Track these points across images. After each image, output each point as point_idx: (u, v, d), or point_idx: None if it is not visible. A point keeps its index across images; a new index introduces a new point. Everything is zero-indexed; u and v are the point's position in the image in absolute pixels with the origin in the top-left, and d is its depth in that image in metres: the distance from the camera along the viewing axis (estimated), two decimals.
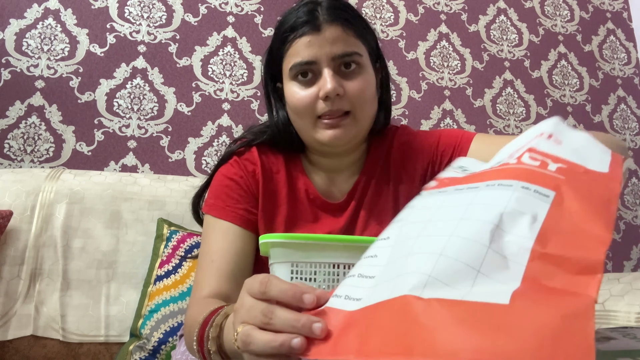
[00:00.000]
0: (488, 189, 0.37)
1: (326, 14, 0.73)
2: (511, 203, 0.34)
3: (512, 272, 0.31)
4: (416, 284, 0.31)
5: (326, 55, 0.72)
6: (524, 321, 0.27)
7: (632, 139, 2.25)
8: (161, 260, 1.25)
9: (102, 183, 1.32)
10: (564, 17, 2.32)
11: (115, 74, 1.69)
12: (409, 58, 2.04)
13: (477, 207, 0.35)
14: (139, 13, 1.77)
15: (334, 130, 0.74)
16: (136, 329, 1.17)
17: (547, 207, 0.34)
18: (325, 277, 0.62)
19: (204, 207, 0.81)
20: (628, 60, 2.36)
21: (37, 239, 1.21)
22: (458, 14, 2.16)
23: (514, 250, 0.32)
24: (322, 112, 0.73)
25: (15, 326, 1.13)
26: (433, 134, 0.86)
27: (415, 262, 0.34)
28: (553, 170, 0.37)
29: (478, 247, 0.32)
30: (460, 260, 0.32)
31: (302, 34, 0.72)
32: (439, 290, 0.31)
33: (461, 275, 0.31)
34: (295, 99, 0.74)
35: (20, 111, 1.58)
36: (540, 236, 0.32)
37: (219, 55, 1.82)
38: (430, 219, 0.37)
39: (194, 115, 1.74)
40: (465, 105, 2.06)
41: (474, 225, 0.34)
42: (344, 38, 0.73)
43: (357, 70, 0.74)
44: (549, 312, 0.27)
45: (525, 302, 0.28)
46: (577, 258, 0.30)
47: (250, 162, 0.80)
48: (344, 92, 0.72)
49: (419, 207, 0.42)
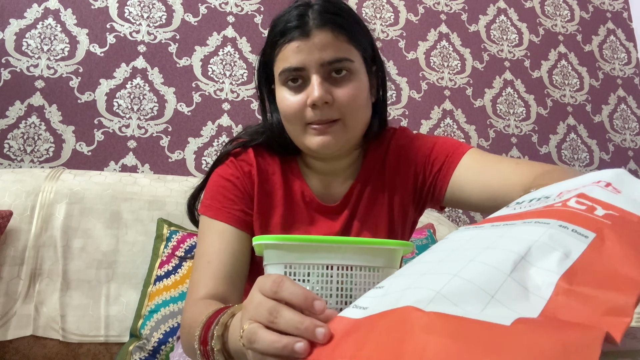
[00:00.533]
0: (523, 225, 0.37)
1: (317, 18, 0.71)
2: (543, 238, 0.33)
3: (532, 304, 0.30)
4: (422, 298, 0.31)
5: (315, 61, 0.70)
6: (520, 343, 0.26)
7: (632, 139, 2.25)
8: (161, 261, 1.25)
9: (102, 183, 1.32)
10: (564, 17, 2.32)
11: (115, 74, 1.69)
12: (409, 58, 2.04)
13: (507, 239, 0.35)
14: (139, 13, 1.77)
15: (323, 136, 0.72)
16: (136, 329, 1.17)
17: (583, 246, 0.33)
18: (319, 278, 0.62)
19: (200, 208, 0.80)
20: (628, 60, 2.36)
21: (37, 239, 1.21)
22: (458, 14, 2.16)
23: (537, 283, 0.31)
24: (310, 119, 0.72)
25: (15, 326, 1.13)
26: (429, 141, 0.84)
27: (427, 279, 0.34)
28: (600, 215, 0.36)
29: (497, 274, 0.31)
30: (475, 282, 0.31)
31: (290, 39, 0.71)
32: (443, 306, 0.30)
33: (472, 298, 0.30)
34: (285, 105, 0.73)
35: (20, 111, 1.58)
36: (569, 272, 0.31)
37: (219, 55, 1.82)
38: (457, 248, 0.37)
39: (194, 115, 1.74)
40: (465, 105, 2.06)
41: (498, 253, 0.33)
42: (334, 44, 0.71)
43: (347, 76, 0.72)
44: (549, 339, 0.26)
45: (528, 326, 0.27)
46: (605, 298, 0.28)
47: (247, 163, 0.80)
48: (333, 100, 0.71)
49: (451, 238, 0.42)
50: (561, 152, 2.13)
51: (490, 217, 0.45)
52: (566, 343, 0.25)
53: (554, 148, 2.13)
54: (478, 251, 0.34)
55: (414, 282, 0.34)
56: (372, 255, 0.64)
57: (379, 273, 0.64)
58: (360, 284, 0.63)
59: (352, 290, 0.62)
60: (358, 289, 0.63)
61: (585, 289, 0.30)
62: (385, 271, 0.64)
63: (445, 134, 2.00)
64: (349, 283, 0.62)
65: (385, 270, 0.64)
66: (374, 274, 0.63)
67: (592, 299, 0.29)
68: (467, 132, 2.03)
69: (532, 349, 0.25)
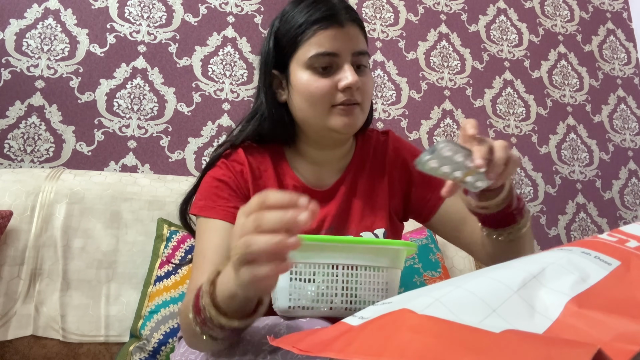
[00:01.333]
0: (547, 252, 0.37)
1: (345, 12, 0.78)
2: (561, 261, 0.33)
3: (536, 323, 0.29)
4: (420, 303, 0.32)
5: (349, 49, 0.77)
6: (505, 349, 0.25)
7: (632, 139, 2.25)
8: (161, 261, 1.25)
9: (102, 183, 1.32)
10: (564, 17, 2.32)
11: (115, 74, 1.69)
12: (409, 58, 2.04)
13: (524, 261, 0.35)
14: (139, 13, 1.77)
15: (348, 117, 0.78)
16: (136, 329, 1.17)
17: (604, 273, 0.32)
18: (325, 277, 0.62)
19: (194, 209, 0.81)
20: (628, 60, 2.36)
21: (37, 239, 1.21)
22: (458, 14, 2.16)
23: (546, 304, 0.30)
24: (339, 101, 0.77)
25: (15, 326, 1.13)
26: (416, 154, 0.89)
27: (431, 289, 0.34)
28: (631, 247, 0.36)
29: (502, 289, 0.31)
30: (477, 294, 0.31)
31: (327, 26, 0.76)
32: (438, 312, 0.30)
33: (472, 308, 0.30)
34: (314, 87, 0.77)
35: (20, 111, 1.58)
36: (581, 296, 0.30)
37: (219, 55, 1.82)
38: (480, 274, 0.37)
39: (194, 115, 1.74)
40: (465, 105, 2.06)
41: (510, 271, 0.33)
42: (360, 38, 0.79)
43: (366, 69, 0.81)
44: (536, 349, 0.25)
45: (517, 336, 0.27)
46: (615, 324, 0.27)
47: (238, 163, 0.82)
48: (360, 86, 0.78)
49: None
50: (561, 152, 2.13)
51: None
52: (552, 355, 0.24)
53: (554, 148, 2.13)
54: (491, 269, 0.34)
55: (420, 293, 0.35)
56: (376, 255, 0.64)
57: (383, 273, 0.64)
58: (365, 284, 0.63)
59: (357, 290, 0.63)
60: (363, 288, 0.63)
61: (596, 313, 0.29)
62: (390, 271, 0.65)
63: (446, 134, 2.00)
64: (354, 282, 0.62)
65: (390, 270, 0.64)
66: (379, 274, 0.64)
67: (600, 323, 0.28)
68: None
69: (515, 355, 0.25)
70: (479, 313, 0.29)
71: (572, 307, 0.30)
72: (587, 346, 0.25)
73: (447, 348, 0.26)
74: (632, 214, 2.15)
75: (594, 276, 0.32)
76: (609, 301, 0.30)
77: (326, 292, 0.63)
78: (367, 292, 0.64)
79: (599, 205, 2.12)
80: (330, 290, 0.63)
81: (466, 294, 0.31)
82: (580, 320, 0.29)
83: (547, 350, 0.25)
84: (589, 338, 0.27)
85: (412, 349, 0.27)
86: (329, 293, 0.63)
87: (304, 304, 0.62)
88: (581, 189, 2.11)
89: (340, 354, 0.32)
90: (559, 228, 2.04)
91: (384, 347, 0.29)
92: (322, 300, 0.62)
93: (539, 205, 2.04)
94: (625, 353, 0.25)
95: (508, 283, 0.31)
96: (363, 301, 0.63)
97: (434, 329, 0.29)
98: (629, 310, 0.28)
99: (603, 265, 0.33)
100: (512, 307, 0.30)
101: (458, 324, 0.28)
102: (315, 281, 0.62)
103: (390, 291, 0.64)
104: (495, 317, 0.29)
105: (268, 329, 0.60)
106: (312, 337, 0.37)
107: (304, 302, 0.62)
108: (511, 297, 0.30)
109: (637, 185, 2.20)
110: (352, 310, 0.62)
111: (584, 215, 2.09)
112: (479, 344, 0.26)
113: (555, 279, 0.32)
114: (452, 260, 1.49)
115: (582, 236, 2.05)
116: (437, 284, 0.38)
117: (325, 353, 0.33)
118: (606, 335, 0.27)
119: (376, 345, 0.30)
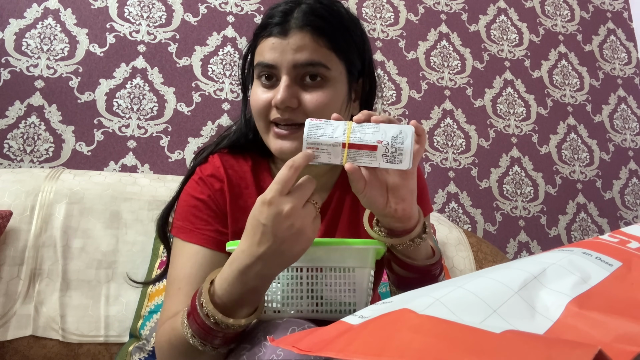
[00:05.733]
0: (548, 252, 0.36)
1: (300, 18, 0.69)
2: (562, 262, 0.33)
3: (537, 323, 0.29)
4: (420, 303, 0.31)
5: (287, 62, 0.68)
6: (505, 349, 0.25)
7: (632, 139, 2.25)
8: (161, 261, 1.24)
9: (101, 183, 1.32)
10: (564, 17, 2.32)
11: (115, 74, 1.69)
12: (409, 58, 2.04)
13: (524, 261, 0.34)
14: (139, 13, 1.77)
15: (283, 141, 0.70)
16: (136, 329, 1.17)
17: (605, 273, 0.32)
18: (289, 280, 0.62)
19: (172, 230, 0.76)
20: (628, 60, 2.36)
21: (37, 239, 1.21)
22: (458, 14, 2.16)
23: (546, 304, 0.30)
24: (273, 118, 0.70)
25: (14, 326, 1.13)
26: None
27: (431, 289, 0.34)
28: (633, 247, 0.36)
29: (503, 290, 0.31)
30: (478, 295, 0.31)
31: (269, 34, 0.69)
32: (439, 312, 0.30)
33: (472, 309, 0.30)
34: (253, 100, 0.72)
35: (20, 111, 1.58)
36: (582, 297, 0.30)
37: (218, 55, 1.82)
38: (481, 274, 0.37)
39: (194, 115, 1.74)
40: (465, 105, 2.06)
41: (511, 272, 0.33)
42: (311, 47, 0.68)
43: (320, 83, 0.69)
44: (537, 350, 0.25)
45: (518, 336, 0.27)
46: (616, 325, 0.27)
47: (217, 179, 0.76)
48: (298, 105, 0.68)
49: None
50: (561, 152, 2.13)
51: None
52: (552, 356, 0.24)
53: (554, 148, 2.12)
54: (491, 270, 0.34)
55: (420, 293, 0.35)
56: (341, 255, 0.62)
57: (352, 273, 0.62)
58: (332, 285, 0.61)
59: (323, 292, 0.61)
60: (330, 290, 0.61)
61: (597, 314, 0.29)
62: (359, 271, 0.62)
63: (446, 134, 2.00)
64: (321, 284, 0.61)
65: (359, 270, 0.62)
66: (347, 274, 0.62)
67: (601, 324, 0.28)
68: (467, 132, 2.03)
69: (515, 356, 0.25)
70: (480, 313, 0.29)
71: (573, 308, 0.30)
72: (588, 347, 0.24)
73: (448, 348, 0.26)
74: (632, 214, 2.15)
75: (595, 277, 0.32)
76: (610, 302, 0.30)
77: (291, 295, 0.62)
78: (335, 293, 0.62)
79: (599, 205, 2.12)
80: (296, 294, 0.62)
81: (467, 294, 0.31)
82: (581, 321, 0.29)
83: (547, 350, 0.25)
84: (589, 339, 0.27)
85: (412, 349, 0.27)
86: (294, 296, 0.62)
87: (275, 307, 0.62)
88: (581, 189, 2.11)
89: (340, 353, 0.32)
90: (559, 228, 2.04)
91: (384, 347, 0.29)
92: (289, 304, 0.62)
93: (539, 205, 2.04)
94: (626, 354, 0.25)
95: (509, 283, 0.31)
96: (330, 302, 0.62)
97: (434, 329, 0.28)
98: (630, 311, 0.28)
99: (604, 266, 0.33)
100: (513, 308, 0.30)
101: (459, 324, 0.28)
102: (280, 284, 0.62)
103: (359, 292, 0.62)
104: (496, 317, 0.29)
105: (247, 332, 0.61)
106: (311, 337, 0.37)
107: (274, 306, 0.62)
108: (512, 297, 0.30)
109: (637, 185, 2.20)
110: (320, 313, 0.62)
111: (585, 215, 2.09)
112: (480, 345, 0.26)
113: (556, 280, 0.32)
114: (452, 260, 1.49)
115: (583, 236, 2.05)
116: (437, 284, 0.38)
117: (325, 352, 0.33)
118: (607, 336, 0.27)
119: (376, 345, 0.30)
